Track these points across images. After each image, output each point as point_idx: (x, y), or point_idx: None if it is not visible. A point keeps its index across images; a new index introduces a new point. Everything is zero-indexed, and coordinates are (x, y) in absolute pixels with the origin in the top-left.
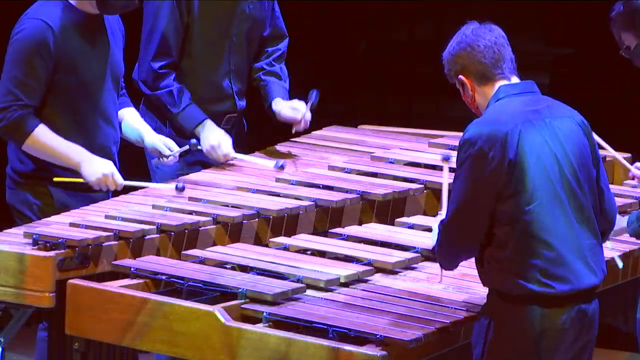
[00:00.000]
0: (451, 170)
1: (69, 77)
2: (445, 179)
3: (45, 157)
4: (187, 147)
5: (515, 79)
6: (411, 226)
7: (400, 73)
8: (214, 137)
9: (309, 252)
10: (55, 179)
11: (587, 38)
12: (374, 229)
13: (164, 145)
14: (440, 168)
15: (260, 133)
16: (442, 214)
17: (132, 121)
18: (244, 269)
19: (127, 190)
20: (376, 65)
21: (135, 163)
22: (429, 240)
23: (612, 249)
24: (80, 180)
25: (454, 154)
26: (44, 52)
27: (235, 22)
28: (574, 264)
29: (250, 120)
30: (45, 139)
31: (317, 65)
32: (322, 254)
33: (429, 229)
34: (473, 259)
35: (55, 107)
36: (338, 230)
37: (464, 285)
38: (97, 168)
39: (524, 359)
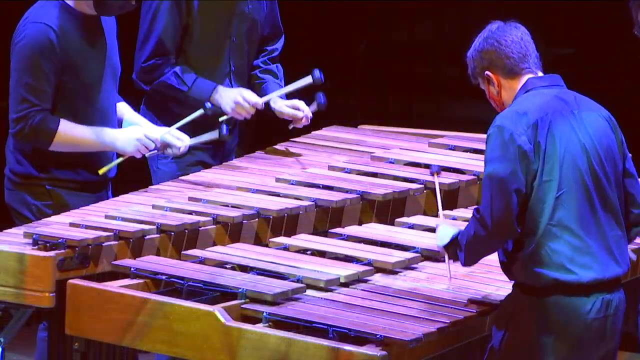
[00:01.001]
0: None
1: (72, 79)
2: (437, 190)
3: (75, 149)
4: (200, 112)
5: (540, 74)
6: (411, 226)
7: (400, 73)
8: (234, 94)
9: (309, 252)
10: (101, 172)
11: (587, 38)
12: (374, 229)
13: (172, 135)
14: (440, 168)
15: (260, 133)
16: (440, 219)
17: (133, 118)
18: (244, 269)
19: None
20: (376, 65)
21: (135, 164)
22: (429, 240)
23: None
24: (121, 159)
25: (452, 155)
26: (51, 55)
27: (235, 22)
28: (599, 253)
29: (250, 120)
30: (71, 133)
31: (317, 65)
32: (322, 254)
33: (430, 229)
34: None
35: (57, 109)
36: (338, 230)
37: (464, 285)
38: (129, 138)
39: (545, 353)
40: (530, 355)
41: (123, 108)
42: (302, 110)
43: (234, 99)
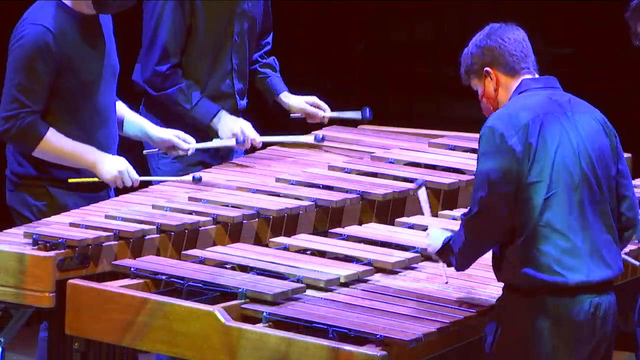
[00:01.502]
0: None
1: (69, 79)
2: (425, 204)
3: (57, 160)
4: (232, 142)
5: (537, 76)
6: (411, 226)
7: (400, 73)
8: (233, 125)
9: (309, 252)
10: (71, 180)
11: (587, 38)
12: (374, 229)
13: (177, 137)
14: (440, 168)
15: (260, 132)
16: (430, 228)
17: (134, 119)
18: (244, 269)
19: (143, 185)
20: (376, 65)
21: (136, 164)
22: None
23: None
24: (95, 179)
25: (452, 155)
26: (46, 57)
27: (237, 21)
28: (589, 256)
29: (250, 119)
30: (56, 142)
31: (317, 65)
32: (322, 254)
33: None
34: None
35: (56, 109)
36: (338, 230)
37: (464, 285)
38: (112, 166)
39: (535, 353)
40: (523, 353)
41: (123, 109)
42: (324, 109)
43: (232, 129)
